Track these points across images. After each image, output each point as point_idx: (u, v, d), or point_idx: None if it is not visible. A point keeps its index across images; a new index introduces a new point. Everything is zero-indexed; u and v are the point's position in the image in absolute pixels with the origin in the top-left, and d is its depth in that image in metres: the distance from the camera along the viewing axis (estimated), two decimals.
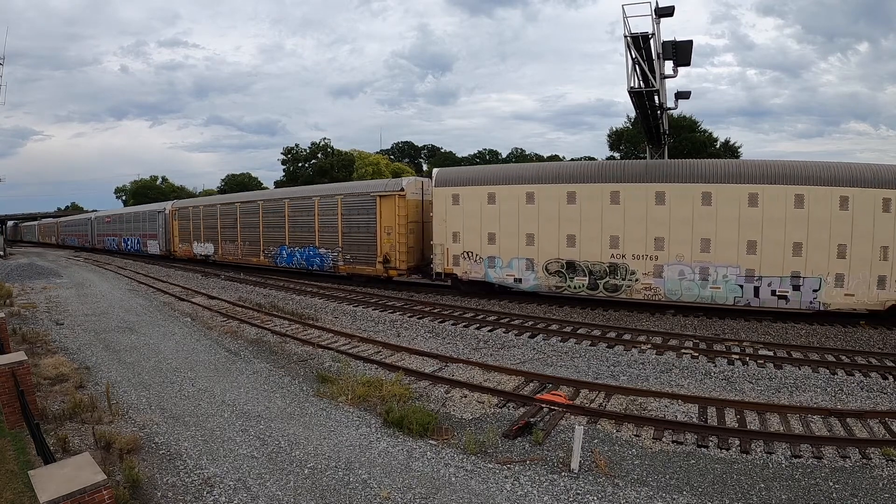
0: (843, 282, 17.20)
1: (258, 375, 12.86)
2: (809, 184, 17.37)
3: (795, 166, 17.93)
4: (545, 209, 20.44)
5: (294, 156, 75.28)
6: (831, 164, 17.79)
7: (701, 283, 18.38)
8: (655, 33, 17.21)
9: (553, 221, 20.35)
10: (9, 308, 20.88)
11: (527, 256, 21.06)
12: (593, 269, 19.86)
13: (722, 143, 48.51)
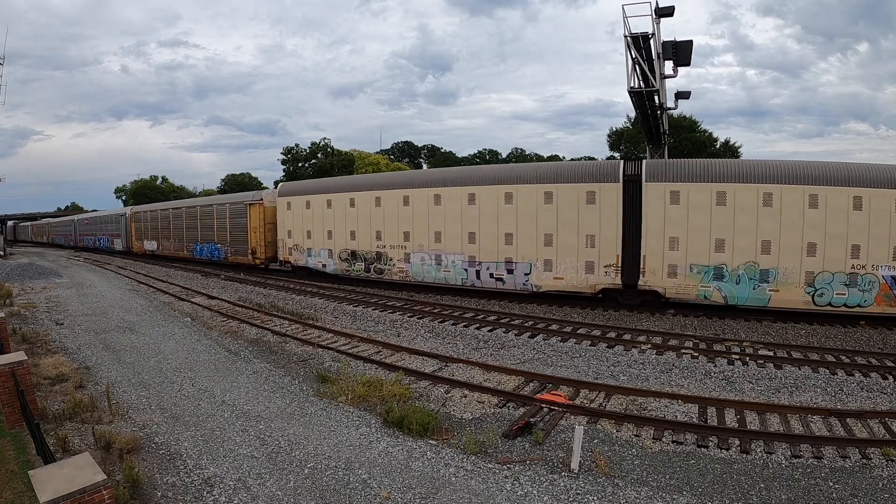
0: (552, 267, 20.42)
1: (258, 375, 12.86)
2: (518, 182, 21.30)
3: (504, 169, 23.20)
4: (338, 214, 27.02)
5: (294, 156, 75.33)
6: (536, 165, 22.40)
7: (436, 268, 23.15)
8: (655, 33, 17.24)
9: (341, 222, 26.90)
10: (9, 308, 20.88)
11: (328, 248, 27.81)
12: (366, 257, 25.80)
13: (722, 144, 48.52)
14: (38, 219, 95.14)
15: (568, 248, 20.10)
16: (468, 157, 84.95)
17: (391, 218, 24.50)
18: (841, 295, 17.11)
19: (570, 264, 20.18)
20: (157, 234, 43.18)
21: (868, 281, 16.86)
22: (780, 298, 17.62)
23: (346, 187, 27.18)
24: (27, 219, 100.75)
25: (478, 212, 21.80)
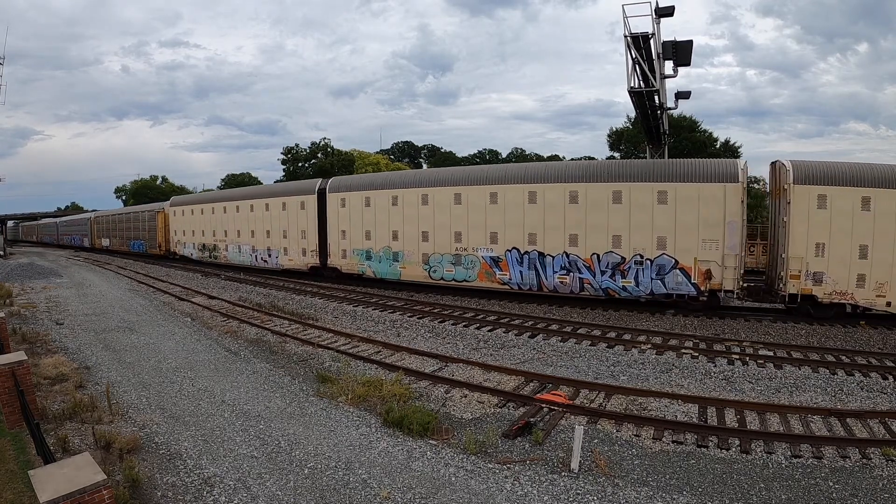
0: (288, 252, 30.72)
1: (258, 375, 12.86)
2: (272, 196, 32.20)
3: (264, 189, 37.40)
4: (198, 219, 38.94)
5: (294, 156, 75.31)
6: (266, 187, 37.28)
7: (238, 254, 34.88)
8: (655, 33, 17.23)
9: (200, 225, 38.98)
10: (9, 308, 20.88)
11: (192, 242, 39.91)
12: (209, 248, 38.04)
13: (722, 143, 48.50)
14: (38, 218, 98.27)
15: (293, 241, 30.21)
16: (468, 157, 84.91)
17: (224, 222, 36.36)
18: (449, 272, 23.14)
19: (296, 251, 30.15)
20: (109, 234, 56.71)
21: (471, 261, 22.43)
22: (407, 273, 24.57)
23: (207, 199, 40.29)
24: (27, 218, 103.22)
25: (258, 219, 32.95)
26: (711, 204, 18.37)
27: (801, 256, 17.66)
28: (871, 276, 17.21)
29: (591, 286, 20.15)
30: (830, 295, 17.62)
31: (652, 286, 19.27)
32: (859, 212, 17.16)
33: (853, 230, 17.23)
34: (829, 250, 17.50)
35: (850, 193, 17.22)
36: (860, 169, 17.85)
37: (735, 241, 18.32)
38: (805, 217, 17.53)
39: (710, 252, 18.51)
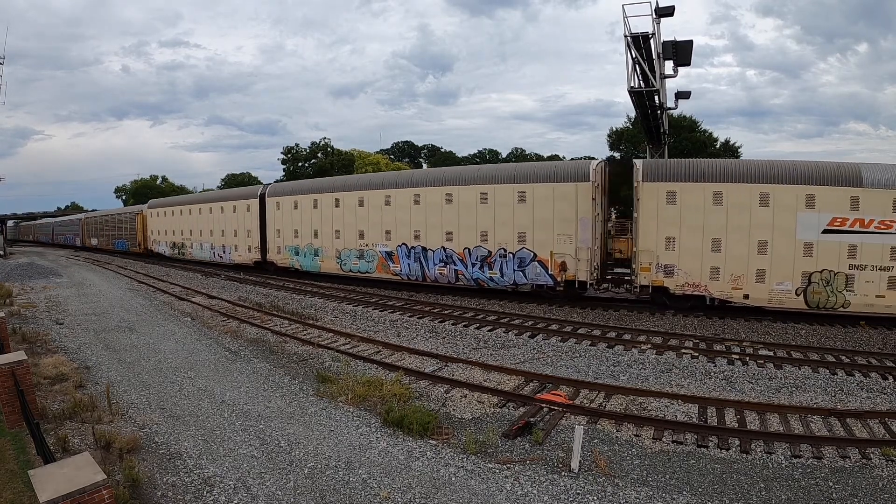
0: (238, 249, 34.80)
1: (258, 375, 12.86)
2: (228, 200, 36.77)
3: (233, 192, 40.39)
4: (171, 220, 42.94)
5: (294, 155, 75.31)
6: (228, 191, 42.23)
7: (200, 251, 38.77)
8: (655, 33, 17.23)
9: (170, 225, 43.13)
10: (9, 307, 20.87)
11: (165, 240, 43.98)
12: (178, 245, 41.85)
13: (722, 143, 48.49)
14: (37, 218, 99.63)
15: (241, 239, 34.40)
16: (468, 157, 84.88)
17: (188, 223, 40.62)
18: (356, 264, 26.68)
19: (243, 248, 34.41)
20: (97, 234, 60.74)
21: (371, 255, 25.86)
22: (325, 266, 28.14)
23: (177, 203, 44.67)
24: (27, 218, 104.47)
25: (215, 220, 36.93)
26: (565, 202, 20.14)
27: (652, 250, 18.87)
28: (725, 268, 18.12)
29: (464, 277, 22.78)
30: (682, 287, 18.71)
31: (515, 277, 21.43)
32: (711, 206, 18.06)
33: (705, 224, 18.20)
34: (680, 244, 18.55)
35: (701, 189, 18.18)
36: (711, 165, 19.12)
37: (587, 235, 19.85)
38: (654, 212, 18.66)
39: (565, 246, 20.30)
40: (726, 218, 17.94)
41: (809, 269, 17.36)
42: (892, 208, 16.75)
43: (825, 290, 17.34)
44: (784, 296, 17.73)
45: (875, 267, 16.95)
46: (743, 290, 18.10)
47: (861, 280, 17.06)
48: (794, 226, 17.40)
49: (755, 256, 17.81)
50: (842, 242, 17.07)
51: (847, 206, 16.99)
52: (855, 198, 16.93)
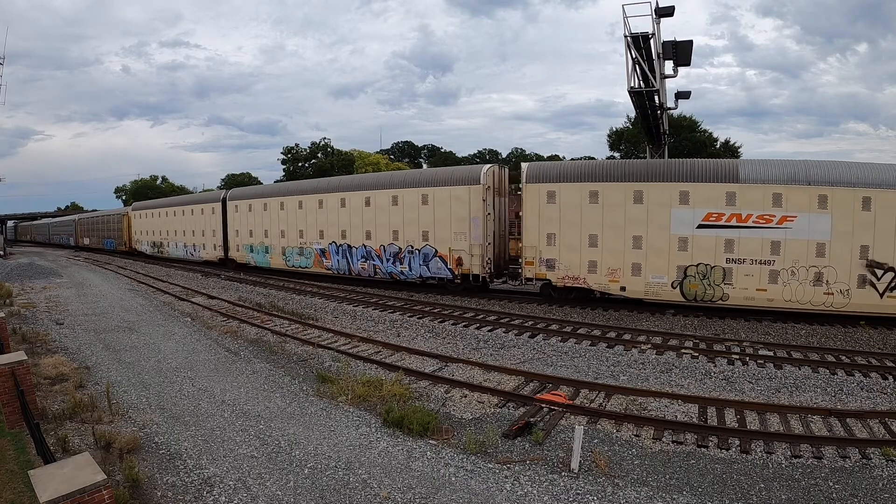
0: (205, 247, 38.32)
1: (258, 375, 12.86)
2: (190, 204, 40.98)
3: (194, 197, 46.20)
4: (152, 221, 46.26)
5: (294, 155, 75.38)
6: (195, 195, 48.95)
7: (175, 249, 42.05)
8: (655, 33, 17.23)
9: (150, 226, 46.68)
10: (9, 308, 20.87)
11: (147, 240, 47.43)
12: (157, 244, 45.32)
13: (722, 144, 48.52)
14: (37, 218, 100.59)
15: (208, 238, 37.76)
16: (468, 157, 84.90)
17: (165, 224, 43.81)
18: (297, 261, 29.84)
19: (210, 246, 37.76)
20: (88, 234, 64.12)
21: (309, 252, 29.01)
22: (273, 262, 31.62)
23: (156, 205, 47.66)
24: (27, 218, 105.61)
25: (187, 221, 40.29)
26: (460, 203, 22.35)
27: (535, 245, 20.54)
28: (602, 262, 19.50)
29: (381, 271, 25.51)
30: (563, 279, 20.34)
31: (421, 271, 23.89)
32: (587, 205, 19.54)
33: (582, 221, 19.66)
34: (560, 239, 20.07)
35: (578, 188, 19.65)
36: (588, 166, 21.29)
37: (478, 233, 21.99)
38: (537, 211, 20.31)
39: (461, 242, 22.54)
40: (602, 215, 19.27)
41: (685, 262, 18.24)
42: (772, 203, 17.31)
43: (702, 283, 18.19)
44: (660, 288, 18.76)
45: (754, 261, 17.56)
46: (620, 282, 19.34)
47: (740, 273, 17.72)
48: (669, 221, 18.31)
49: (630, 251, 18.96)
50: (718, 237, 17.81)
51: (723, 202, 17.72)
52: (731, 193, 17.60)
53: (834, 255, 17.17)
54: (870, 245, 16.93)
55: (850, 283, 17.06)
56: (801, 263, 17.39)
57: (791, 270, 17.45)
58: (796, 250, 17.36)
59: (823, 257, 17.23)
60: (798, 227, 17.29)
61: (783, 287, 17.55)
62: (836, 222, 17.07)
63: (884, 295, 16.85)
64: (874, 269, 16.96)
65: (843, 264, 17.11)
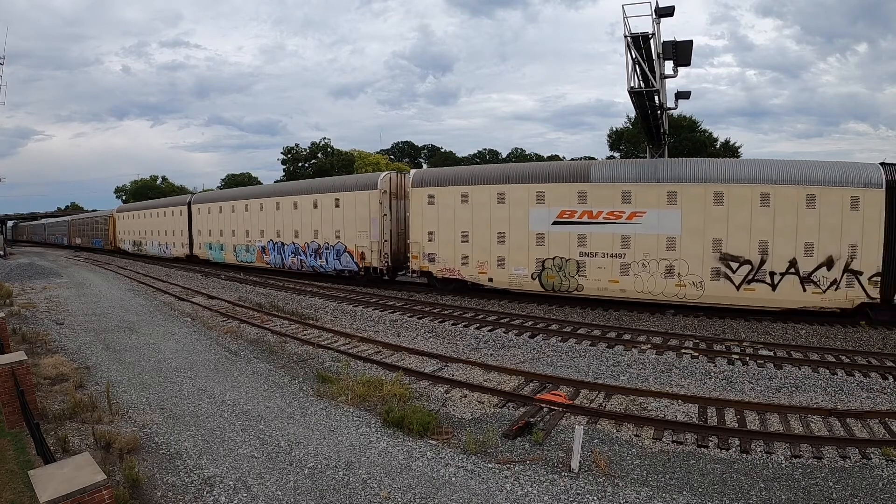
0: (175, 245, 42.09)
1: (258, 375, 12.86)
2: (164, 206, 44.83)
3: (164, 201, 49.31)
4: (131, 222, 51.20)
5: (294, 155, 75.39)
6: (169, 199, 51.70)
7: (151, 247, 46.24)
8: (655, 33, 17.20)
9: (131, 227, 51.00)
10: (9, 308, 20.88)
11: (128, 239, 51.72)
12: (137, 242, 49.51)
13: (722, 144, 48.50)
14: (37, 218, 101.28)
15: (177, 237, 41.64)
16: (468, 157, 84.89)
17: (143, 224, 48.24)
18: (244, 257, 33.80)
19: (179, 244, 41.76)
20: (80, 234, 68.02)
21: (253, 249, 32.91)
22: (227, 258, 35.75)
23: (136, 208, 52.73)
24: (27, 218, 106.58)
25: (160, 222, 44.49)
26: (362, 206, 25.85)
27: (419, 242, 23.57)
28: (472, 256, 22.15)
29: (306, 265, 29.25)
30: (442, 271, 23.10)
31: (335, 264, 27.36)
32: (460, 205, 22.24)
33: (455, 220, 22.43)
34: (438, 236, 22.94)
35: (453, 191, 22.46)
36: (460, 171, 24.54)
37: (377, 232, 25.24)
38: (420, 211, 23.42)
39: (364, 240, 25.87)
40: (472, 214, 21.92)
41: (542, 256, 20.36)
42: (622, 200, 18.85)
43: (558, 274, 20.22)
44: (522, 279, 20.99)
45: (606, 254, 19.19)
46: (488, 274, 21.83)
47: (592, 266, 19.45)
48: (528, 219, 20.49)
49: (496, 246, 21.39)
50: (571, 233, 19.78)
51: (575, 200, 19.59)
52: (583, 192, 19.41)
53: (684, 248, 18.29)
54: (723, 238, 17.84)
55: (704, 276, 18.13)
56: (651, 256, 18.66)
57: (642, 263, 18.77)
58: (646, 244, 18.66)
59: (674, 250, 18.42)
60: (648, 223, 18.62)
61: (635, 279, 18.98)
62: (685, 217, 18.21)
63: (740, 287, 17.77)
64: (728, 262, 17.87)
65: (694, 257, 18.19)
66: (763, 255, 17.58)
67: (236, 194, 37.12)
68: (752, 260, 17.64)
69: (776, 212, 17.34)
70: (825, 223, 16.96)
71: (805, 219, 17.13)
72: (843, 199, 16.81)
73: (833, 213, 16.89)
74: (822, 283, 17.13)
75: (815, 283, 17.19)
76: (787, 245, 17.33)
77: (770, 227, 17.44)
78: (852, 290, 16.93)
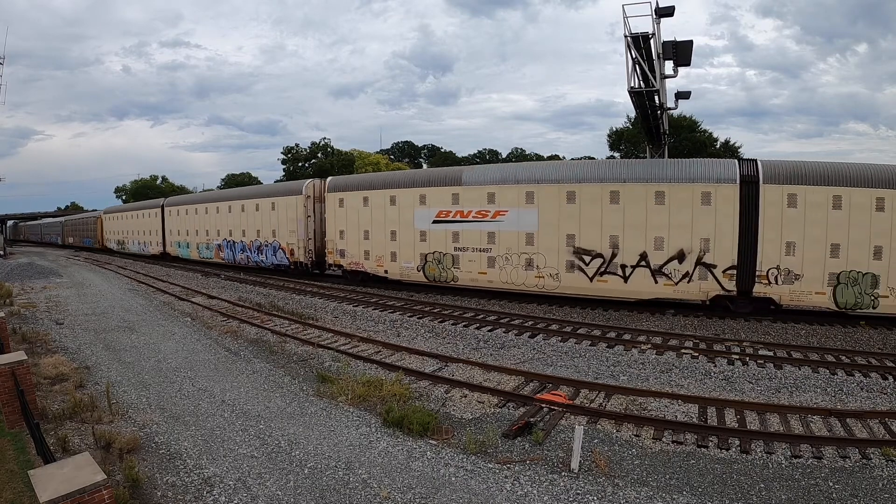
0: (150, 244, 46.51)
1: (258, 375, 12.86)
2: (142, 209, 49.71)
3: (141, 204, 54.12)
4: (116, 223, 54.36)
5: (294, 155, 75.35)
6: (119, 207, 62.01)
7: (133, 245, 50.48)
8: (655, 33, 17.19)
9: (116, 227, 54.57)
10: (9, 308, 20.87)
11: (113, 238, 55.24)
12: (121, 241, 52.72)
13: (722, 144, 48.47)
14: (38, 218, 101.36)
15: (154, 236, 45.56)
16: (468, 157, 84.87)
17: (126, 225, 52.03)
18: (206, 253, 37.82)
19: (154, 243, 45.60)
20: (72, 234, 71.58)
21: (212, 246, 36.94)
22: (192, 255, 39.47)
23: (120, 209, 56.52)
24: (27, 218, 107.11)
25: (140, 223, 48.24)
26: (291, 209, 29.58)
27: (333, 239, 27.23)
28: (372, 252, 25.45)
29: (251, 260, 33.19)
30: (350, 265, 26.53)
31: (272, 260, 31.33)
32: (362, 207, 25.64)
33: (359, 221, 25.86)
34: (347, 235, 26.47)
35: (357, 196, 26.07)
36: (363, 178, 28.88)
37: (302, 231, 29.01)
38: (333, 213, 27.12)
39: (293, 238, 29.54)
40: (371, 215, 25.14)
41: (425, 251, 23.16)
42: (487, 200, 21.20)
43: (437, 267, 22.79)
44: (410, 271, 23.82)
45: (475, 249, 21.62)
46: (384, 267, 24.91)
47: (465, 259, 21.96)
48: (413, 219, 23.45)
49: (389, 242, 24.53)
50: (447, 230, 22.42)
51: (450, 202, 22.30)
52: (456, 194, 22.09)
53: (542, 243, 20.17)
54: (576, 234, 19.49)
55: (560, 268, 19.93)
56: (513, 251, 20.76)
57: (506, 257, 20.93)
58: (509, 240, 20.81)
59: (533, 245, 20.34)
60: (509, 220, 20.74)
61: (500, 271, 21.18)
62: (542, 215, 20.07)
63: (593, 279, 19.31)
64: (581, 256, 19.45)
65: (551, 251, 19.98)
66: (614, 249, 18.90)
67: (199, 198, 41.87)
68: (603, 253, 19.05)
69: (626, 208, 18.60)
70: (675, 218, 18.02)
71: (654, 214, 18.25)
72: (694, 194, 17.76)
73: (683, 208, 17.89)
74: (674, 275, 18.17)
75: (667, 276, 18.25)
76: (638, 239, 18.48)
77: (620, 222, 18.73)
78: (706, 283, 17.90)
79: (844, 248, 16.48)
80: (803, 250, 16.86)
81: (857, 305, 16.59)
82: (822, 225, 16.59)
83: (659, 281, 18.31)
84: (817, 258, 16.74)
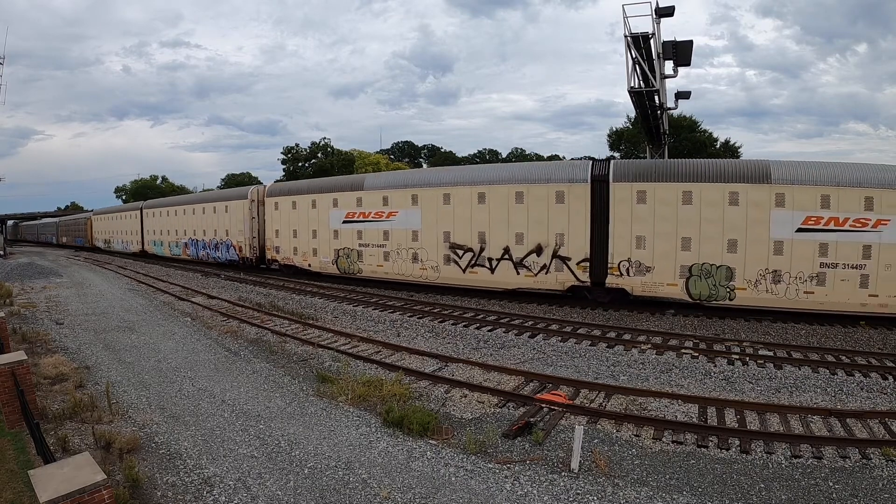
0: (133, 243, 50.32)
1: (258, 375, 12.86)
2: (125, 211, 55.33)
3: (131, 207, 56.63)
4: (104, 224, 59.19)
5: (294, 155, 75.38)
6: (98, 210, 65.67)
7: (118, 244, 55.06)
8: (655, 33, 17.22)
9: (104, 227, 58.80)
10: (9, 307, 20.87)
11: (101, 238, 59.01)
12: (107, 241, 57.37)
13: (722, 144, 48.49)
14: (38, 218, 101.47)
15: (134, 236, 49.56)
16: (468, 157, 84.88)
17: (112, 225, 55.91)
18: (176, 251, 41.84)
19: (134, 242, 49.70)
20: (66, 233, 75.38)
21: (180, 244, 40.86)
22: (164, 252, 43.63)
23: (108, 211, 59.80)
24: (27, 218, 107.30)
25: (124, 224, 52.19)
26: (239, 211, 33.52)
27: (271, 237, 31.19)
28: (299, 248, 29.10)
29: (211, 256, 37.10)
30: (283, 260, 30.36)
31: (226, 256, 35.41)
32: (291, 210, 29.51)
33: (290, 222, 29.61)
34: (281, 234, 30.43)
35: (286, 200, 29.89)
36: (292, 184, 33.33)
37: (248, 231, 33.01)
38: (270, 215, 31.04)
39: (241, 237, 33.58)
40: (298, 217, 28.85)
41: (337, 247, 26.52)
42: (383, 203, 24.39)
43: (346, 261, 26.19)
44: (327, 265, 27.21)
45: (374, 245, 24.85)
46: (308, 261, 28.49)
47: (367, 254, 25.27)
48: (328, 219, 26.88)
49: (312, 240, 28.02)
50: (353, 229, 25.77)
51: (355, 204, 25.57)
52: (360, 198, 25.46)
53: (424, 239, 22.99)
54: (451, 231, 22.12)
55: (439, 261, 22.62)
56: (403, 246, 23.71)
57: (397, 251, 23.90)
58: (399, 237, 23.80)
59: (417, 241, 23.21)
60: (400, 220, 23.78)
61: (393, 264, 24.15)
62: (424, 215, 22.90)
63: (466, 270, 21.90)
64: (455, 250, 22.07)
65: (431, 247, 22.77)
66: (482, 244, 21.31)
67: (170, 202, 46.58)
68: (473, 248, 21.53)
69: (491, 207, 21.04)
70: (533, 216, 20.16)
71: (515, 213, 20.47)
72: (549, 193, 19.80)
73: (540, 206, 19.95)
74: (534, 267, 20.35)
75: (527, 268, 20.44)
76: (501, 235, 20.85)
77: (487, 220, 21.16)
78: (562, 274, 19.92)
79: (696, 242, 17.54)
80: (654, 244, 18.08)
81: (711, 297, 17.67)
82: (672, 220, 17.69)
83: (521, 272, 20.49)
84: (668, 251, 17.95)
